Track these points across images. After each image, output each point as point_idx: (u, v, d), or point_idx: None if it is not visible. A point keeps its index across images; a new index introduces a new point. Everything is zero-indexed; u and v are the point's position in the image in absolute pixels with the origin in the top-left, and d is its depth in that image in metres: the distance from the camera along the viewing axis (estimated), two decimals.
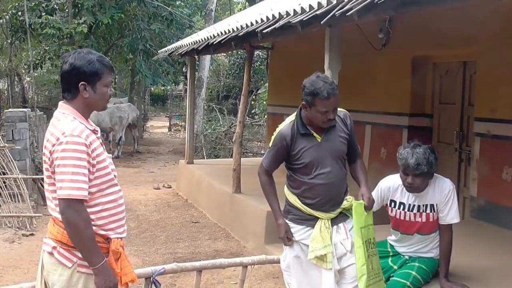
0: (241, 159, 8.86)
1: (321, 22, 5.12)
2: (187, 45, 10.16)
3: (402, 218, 4.42)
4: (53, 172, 2.86)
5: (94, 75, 2.93)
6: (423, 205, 4.33)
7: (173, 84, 27.01)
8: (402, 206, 4.41)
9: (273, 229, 6.97)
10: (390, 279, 4.34)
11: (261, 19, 6.44)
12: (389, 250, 4.60)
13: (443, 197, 4.27)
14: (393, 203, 4.47)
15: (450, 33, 7.10)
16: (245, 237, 7.89)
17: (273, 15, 6.10)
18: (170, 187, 12.19)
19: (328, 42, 5.85)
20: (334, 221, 3.85)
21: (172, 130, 27.28)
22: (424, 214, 4.33)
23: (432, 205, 4.31)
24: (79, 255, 2.88)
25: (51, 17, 17.07)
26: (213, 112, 22.97)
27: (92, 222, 2.89)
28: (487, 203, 6.58)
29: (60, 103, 3.00)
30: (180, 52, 10.74)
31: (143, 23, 18.35)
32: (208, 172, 10.60)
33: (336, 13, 4.72)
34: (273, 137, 4.04)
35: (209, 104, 24.27)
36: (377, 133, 8.58)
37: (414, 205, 4.35)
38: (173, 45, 12.28)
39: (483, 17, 6.43)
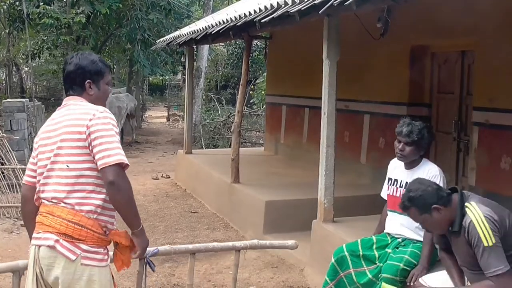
0: (240, 149, 8.87)
1: (320, 12, 5.11)
2: (185, 35, 10.14)
3: (394, 194, 4.64)
4: (89, 147, 2.94)
5: (98, 74, 3.19)
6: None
7: (172, 74, 27.01)
8: (395, 183, 4.67)
9: (271, 219, 7.03)
10: (384, 263, 4.41)
11: (260, 9, 6.43)
12: (388, 239, 4.63)
13: (429, 178, 4.34)
14: (390, 181, 4.75)
15: (448, 22, 7.08)
16: (244, 227, 7.91)
17: (271, 5, 6.09)
18: (169, 177, 12.20)
19: (326, 32, 5.85)
20: None
21: (171, 120, 27.27)
22: None
23: None
24: (83, 247, 2.93)
25: (49, 7, 17.01)
26: (212, 102, 22.95)
27: (101, 212, 3.01)
28: (485, 192, 6.58)
29: (70, 97, 3.16)
30: (178, 42, 10.73)
31: (141, 12, 18.29)
32: (207, 162, 10.62)
33: (334, 2, 4.71)
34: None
35: (207, 94, 24.24)
36: (376, 122, 8.58)
37: (406, 182, 4.50)
38: (171, 35, 12.25)
39: (481, 6, 6.42)
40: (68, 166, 2.97)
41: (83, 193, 2.96)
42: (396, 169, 4.74)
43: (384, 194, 4.85)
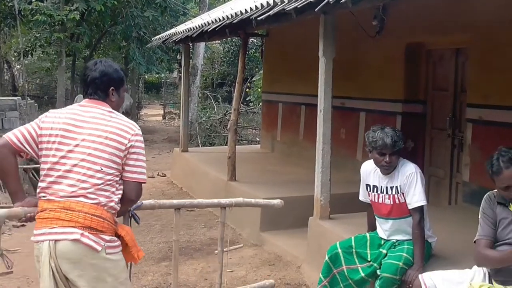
0: (236, 146, 8.89)
1: (316, 9, 5.13)
2: (181, 33, 10.15)
3: (376, 200, 4.62)
4: (124, 158, 3.23)
5: (120, 82, 3.42)
6: (390, 187, 4.51)
7: (167, 72, 26.98)
8: (375, 189, 4.62)
9: (268, 217, 7.05)
10: (383, 262, 4.44)
11: (256, 6, 6.44)
12: (381, 238, 4.67)
13: (405, 178, 4.42)
14: (368, 187, 4.69)
15: (443, 20, 7.12)
16: (241, 225, 7.93)
17: (267, 2, 6.11)
18: (165, 176, 12.22)
19: (322, 29, 5.87)
20: None
21: (167, 118, 27.25)
22: (391, 196, 4.50)
23: (397, 187, 4.47)
24: (106, 238, 3.15)
25: (42, 4, 16.96)
26: (208, 99, 22.96)
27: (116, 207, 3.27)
28: (479, 188, 6.62)
29: (95, 101, 3.33)
30: (174, 39, 10.73)
31: (136, 10, 18.29)
32: (203, 160, 10.63)
33: (330, 0, 4.73)
34: None
35: (203, 91, 24.23)
36: (371, 119, 8.60)
37: (386, 187, 4.53)
38: (167, 32, 12.25)
39: (476, 4, 6.45)
40: (101, 169, 3.17)
41: (108, 192, 3.19)
42: (371, 174, 4.66)
43: (362, 198, 4.83)
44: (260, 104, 15.82)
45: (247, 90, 21.21)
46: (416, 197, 4.40)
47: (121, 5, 18.27)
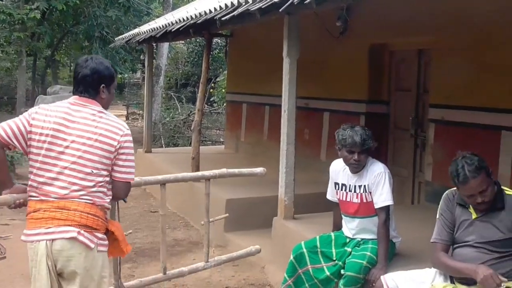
0: (200, 147, 8.84)
1: (280, 10, 5.14)
2: (145, 33, 10.07)
3: (344, 199, 4.64)
4: (113, 159, 3.31)
5: (111, 79, 3.44)
6: (359, 186, 4.53)
7: (131, 72, 26.78)
8: (344, 187, 4.64)
9: (232, 217, 7.03)
10: (347, 261, 4.45)
11: (220, 7, 6.42)
12: (346, 237, 4.69)
13: (373, 178, 4.45)
14: (337, 186, 4.70)
15: (406, 21, 7.19)
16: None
17: (231, 3, 6.09)
18: None
19: (286, 30, 5.87)
20: None
21: (130, 118, 26.94)
22: (359, 194, 4.53)
23: (365, 186, 4.50)
24: (98, 235, 3.26)
25: (1, 2, 16.66)
26: (172, 100, 22.81)
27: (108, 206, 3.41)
28: (441, 187, 6.69)
29: (85, 99, 3.34)
30: (137, 39, 10.64)
31: (99, 9, 18.10)
32: (167, 161, 10.55)
33: (295, 1, 4.74)
34: None
35: (167, 92, 24.09)
36: (335, 120, 8.65)
37: (354, 186, 4.56)
38: (131, 32, 12.15)
39: (438, 6, 6.53)
40: (92, 172, 3.24)
41: (100, 193, 3.28)
42: (340, 173, 4.68)
43: (330, 196, 4.85)
44: (224, 104, 15.79)
45: (211, 90, 21.16)
46: (383, 197, 4.43)
47: (84, 5, 18.06)
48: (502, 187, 3.61)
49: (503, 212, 3.51)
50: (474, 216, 3.57)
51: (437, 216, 3.73)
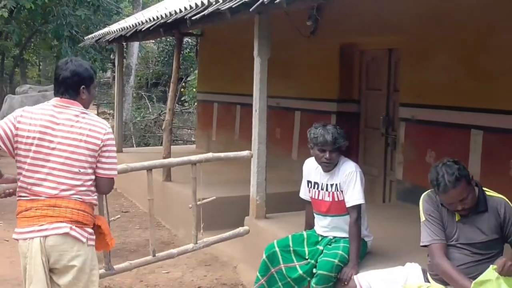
0: (171, 147, 8.80)
1: (250, 9, 5.13)
2: (114, 32, 9.98)
3: (316, 197, 4.66)
4: (99, 157, 3.48)
5: (90, 80, 3.58)
6: (331, 185, 4.55)
7: (101, 72, 26.43)
8: (316, 186, 4.66)
9: (204, 217, 6.99)
10: (319, 260, 4.47)
11: (190, 6, 6.39)
12: (318, 235, 4.70)
13: (345, 177, 4.48)
14: (310, 184, 4.72)
15: (376, 21, 7.24)
16: (176, 226, 7.86)
17: (202, 2, 6.06)
18: None
19: (257, 29, 5.87)
20: None
21: (101, 118, 26.73)
22: (331, 193, 4.55)
23: (336, 184, 4.52)
24: (88, 230, 3.46)
25: None
26: (142, 99, 22.66)
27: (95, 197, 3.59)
28: (412, 185, 6.78)
29: (66, 100, 3.49)
30: (107, 38, 10.54)
31: (68, 8, 17.84)
32: (138, 160, 10.34)
33: (265, 0, 4.73)
34: None
35: (138, 91, 23.91)
36: (307, 119, 8.67)
37: (326, 185, 4.58)
38: (100, 32, 12.04)
39: (407, 5, 6.59)
40: (80, 171, 3.41)
41: (88, 191, 3.48)
42: (313, 171, 4.71)
43: (303, 195, 4.87)
44: (195, 104, 15.74)
45: (182, 90, 21.05)
46: (354, 196, 4.45)
47: (52, 3, 17.79)
48: (484, 188, 3.61)
49: (486, 214, 3.53)
50: (457, 218, 3.58)
51: (423, 219, 3.66)
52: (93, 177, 3.49)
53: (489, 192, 3.62)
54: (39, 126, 3.37)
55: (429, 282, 3.69)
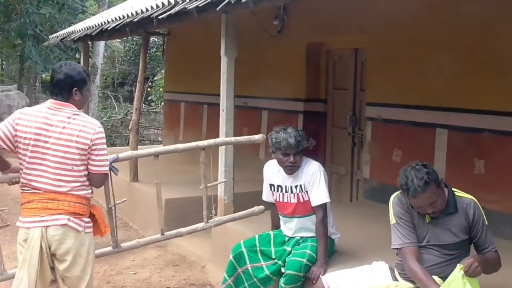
0: (138, 147, 8.73)
1: (217, 9, 5.13)
2: (80, 31, 9.87)
3: (281, 200, 4.65)
4: (89, 154, 3.77)
5: (83, 82, 3.87)
6: (295, 186, 4.55)
7: None
8: (280, 189, 4.64)
9: (172, 218, 6.97)
10: (287, 260, 4.47)
11: (157, 5, 6.35)
12: (285, 236, 4.71)
13: (309, 177, 4.48)
14: (273, 187, 4.70)
15: (342, 20, 7.29)
16: (144, 226, 7.80)
17: (168, 1, 6.03)
18: None
19: (224, 29, 5.86)
20: None
21: None
22: (296, 194, 4.55)
23: (301, 185, 4.52)
24: (85, 219, 3.82)
25: None
26: (109, 99, 22.48)
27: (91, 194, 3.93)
28: (378, 184, 6.84)
29: (60, 102, 3.79)
30: (72, 37, 10.41)
31: (32, 6, 17.55)
32: None
33: None
34: None
35: (104, 91, 23.70)
36: (274, 118, 8.69)
37: (290, 187, 4.57)
38: (65, 31, 11.89)
39: (373, 5, 6.64)
40: (73, 168, 3.74)
41: (82, 186, 3.82)
42: (275, 174, 4.68)
43: (266, 197, 4.86)
44: (162, 103, 15.65)
45: (148, 89, 20.94)
46: (319, 195, 4.46)
47: (15, 1, 17.51)
48: (453, 189, 3.64)
49: (456, 215, 3.56)
50: (428, 220, 3.60)
51: (393, 222, 3.66)
52: (86, 173, 3.81)
53: (459, 193, 3.65)
54: (34, 128, 3.70)
55: (397, 280, 3.71)
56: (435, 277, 3.49)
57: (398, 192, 3.69)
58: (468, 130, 5.85)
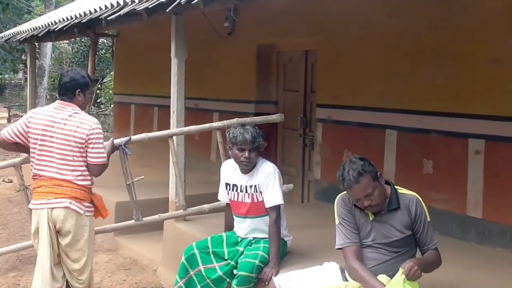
0: None
1: (167, 10, 5.10)
2: (26, 31, 9.69)
3: (236, 199, 4.66)
4: (86, 148, 4.33)
5: (86, 86, 4.48)
6: (250, 186, 4.57)
7: (12, 73, 25.65)
8: (235, 188, 4.66)
9: (123, 220, 6.89)
10: (239, 261, 4.47)
11: (106, 6, 6.28)
12: (238, 236, 4.71)
13: (263, 178, 4.50)
14: (228, 186, 4.72)
15: (292, 22, 7.33)
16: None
17: (117, 2, 5.97)
18: (11, 182, 11.55)
19: (174, 30, 5.82)
20: None
21: (12, 121, 25.86)
22: (250, 194, 4.57)
23: (255, 186, 4.55)
24: (85, 204, 4.42)
25: None
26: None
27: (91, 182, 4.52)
28: (329, 185, 6.90)
29: (64, 102, 4.41)
30: (18, 38, 10.21)
31: None
32: None
33: (182, 1, 4.71)
34: None
35: (52, 93, 23.25)
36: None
37: (245, 186, 4.59)
38: (10, 31, 11.66)
39: (324, 7, 6.70)
40: (73, 159, 4.33)
41: (82, 175, 4.39)
42: (231, 173, 4.71)
43: (221, 197, 4.88)
44: (112, 105, 15.47)
45: (98, 91, 20.67)
46: (273, 196, 4.47)
47: None
48: (396, 187, 3.70)
49: (399, 211, 3.61)
50: (371, 217, 3.65)
51: (337, 222, 3.72)
52: (85, 163, 4.37)
53: (401, 190, 3.71)
54: (42, 125, 4.35)
55: (347, 280, 3.75)
56: (384, 276, 3.54)
57: (343, 193, 3.73)
58: (417, 131, 5.95)
